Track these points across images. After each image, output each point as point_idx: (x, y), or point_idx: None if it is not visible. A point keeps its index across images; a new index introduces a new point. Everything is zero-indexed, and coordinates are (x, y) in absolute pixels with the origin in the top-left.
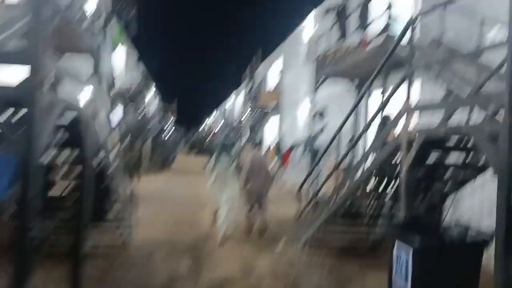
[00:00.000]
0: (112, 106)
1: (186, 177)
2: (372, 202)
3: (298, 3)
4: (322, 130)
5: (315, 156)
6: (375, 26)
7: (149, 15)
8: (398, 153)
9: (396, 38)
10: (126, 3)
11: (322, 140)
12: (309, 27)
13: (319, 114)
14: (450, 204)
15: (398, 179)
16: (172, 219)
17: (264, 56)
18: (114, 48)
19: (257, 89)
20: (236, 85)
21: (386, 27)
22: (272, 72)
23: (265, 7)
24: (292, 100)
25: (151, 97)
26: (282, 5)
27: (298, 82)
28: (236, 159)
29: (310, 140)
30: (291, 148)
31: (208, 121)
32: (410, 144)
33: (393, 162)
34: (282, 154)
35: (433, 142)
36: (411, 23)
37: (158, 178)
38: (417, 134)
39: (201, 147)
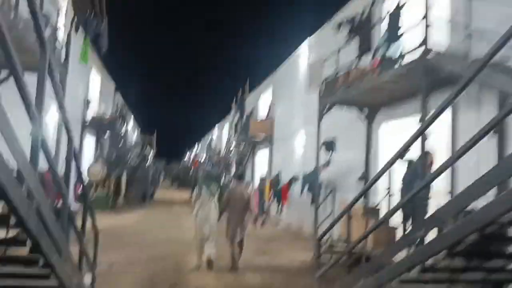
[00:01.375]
0: (83, 135)
1: (167, 214)
2: None
3: (289, 31)
4: (328, 163)
5: (317, 192)
6: (408, 38)
7: (127, 38)
8: None
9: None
10: (95, 14)
11: (330, 174)
12: (305, 54)
13: (326, 145)
14: None
15: None
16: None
17: (252, 86)
18: (82, 64)
19: (245, 120)
20: (220, 116)
21: (425, 40)
22: (262, 102)
23: (254, 35)
24: (285, 131)
25: (129, 129)
26: (271, 33)
27: (293, 112)
28: (219, 192)
29: (312, 174)
30: (289, 183)
31: (191, 153)
32: None
33: None
34: (280, 189)
35: None
36: None
37: (135, 214)
38: None
39: (183, 181)
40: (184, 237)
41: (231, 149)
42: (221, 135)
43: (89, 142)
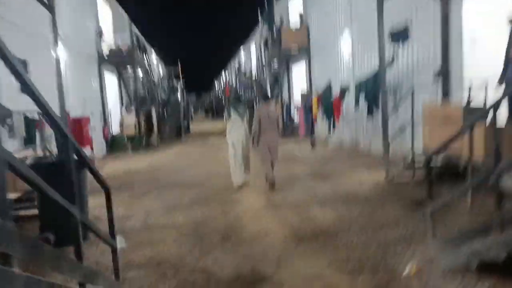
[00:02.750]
0: (101, 71)
1: (203, 147)
2: None
3: None
4: (393, 59)
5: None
6: None
7: None
8: None
9: None
10: None
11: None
12: None
13: (393, 36)
14: None
15: None
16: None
17: None
18: None
19: (276, 33)
20: (246, 35)
21: None
22: (292, 10)
23: None
24: (324, 37)
25: (153, 62)
26: None
27: (332, 13)
28: (247, 114)
29: (370, 79)
30: (341, 94)
31: (220, 82)
32: None
33: None
34: (331, 103)
35: None
36: None
37: (171, 151)
38: None
39: (216, 111)
40: (226, 170)
41: (262, 68)
42: (250, 56)
43: (110, 80)
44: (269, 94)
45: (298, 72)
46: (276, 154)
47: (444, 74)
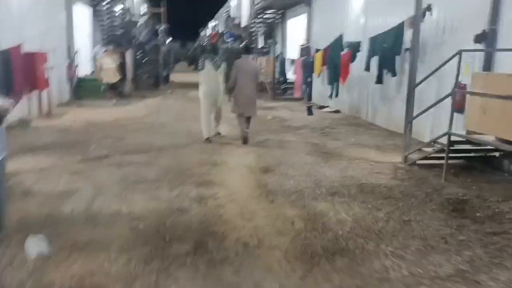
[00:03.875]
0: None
1: (182, 100)
2: None
3: None
4: (429, 7)
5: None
6: None
7: None
8: None
9: None
10: None
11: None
12: None
13: None
14: None
15: None
16: None
17: None
18: None
19: None
20: None
21: None
22: None
23: None
24: None
25: None
26: None
27: None
28: (225, 66)
29: (387, 37)
30: (352, 52)
31: (207, 31)
32: None
33: None
34: (338, 61)
35: None
36: None
37: (145, 103)
38: None
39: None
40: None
41: (254, 18)
42: (241, 3)
43: (81, 12)
44: (250, 47)
45: (295, 27)
46: (253, 110)
47: (491, 37)
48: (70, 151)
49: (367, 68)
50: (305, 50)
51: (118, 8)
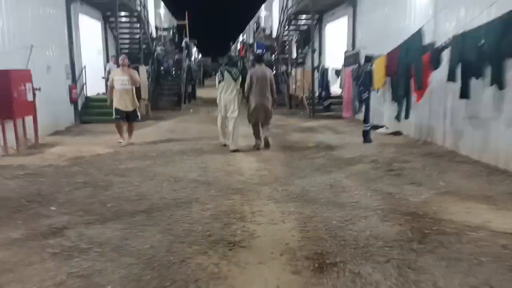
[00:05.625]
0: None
1: (206, 123)
2: None
3: None
4: None
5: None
6: None
7: None
8: None
9: None
10: None
11: None
12: None
13: None
14: None
15: None
16: None
17: None
18: None
19: None
20: None
21: None
22: None
23: None
24: None
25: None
26: None
27: None
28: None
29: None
30: (435, 56)
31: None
32: None
33: None
34: (421, 68)
35: None
36: None
37: (158, 127)
38: None
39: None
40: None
41: (286, 25)
42: (271, 10)
43: (91, 26)
44: (262, 57)
45: (335, 32)
46: (268, 119)
47: None
48: (11, 219)
49: (452, 77)
50: (352, 58)
51: (135, 20)
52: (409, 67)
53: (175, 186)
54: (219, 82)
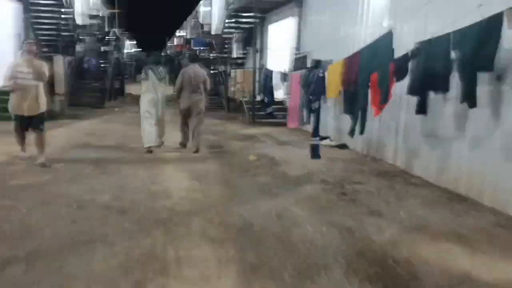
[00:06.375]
0: None
1: (131, 125)
2: None
3: None
4: None
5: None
6: None
7: None
8: None
9: None
10: None
11: None
12: None
13: None
14: None
15: None
16: None
17: None
18: None
19: None
20: None
21: None
22: None
23: None
24: None
25: None
26: None
27: None
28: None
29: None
30: (401, 64)
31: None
32: None
33: None
34: (387, 77)
35: None
36: None
37: (72, 129)
38: None
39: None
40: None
41: (227, 23)
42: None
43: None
44: (197, 56)
45: (280, 32)
46: (200, 121)
47: None
48: None
49: (413, 90)
50: (300, 62)
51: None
52: (370, 76)
53: (77, 215)
54: (142, 81)
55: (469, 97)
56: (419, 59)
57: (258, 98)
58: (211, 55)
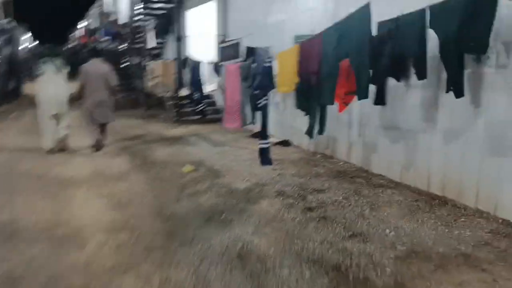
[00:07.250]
0: None
1: (27, 135)
2: None
3: None
4: None
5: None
6: None
7: None
8: None
9: None
10: None
11: None
12: None
13: None
14: None
15: None
16: None
17: None
18: None
19: None
20: None
21: None
22: None
23: None
24: None
25: None
26: None
27: None
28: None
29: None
30: (353, 61)
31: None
32: None
33: None
34: (364, 64)
35: None
36: None
37: None
38: None
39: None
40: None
41: (137, 10)
42: None
43: None
44: (100, 50)
45: (201, 18)
46: (109, 115)
47: None
48: None
49: (373, 80)
50: (231, 50)
51: None
52: (338, 63)
53: None
54: (37, 77)
55: (455, 85)
56: (381, 42)
57: (183, 92)
58: (121, 46)
